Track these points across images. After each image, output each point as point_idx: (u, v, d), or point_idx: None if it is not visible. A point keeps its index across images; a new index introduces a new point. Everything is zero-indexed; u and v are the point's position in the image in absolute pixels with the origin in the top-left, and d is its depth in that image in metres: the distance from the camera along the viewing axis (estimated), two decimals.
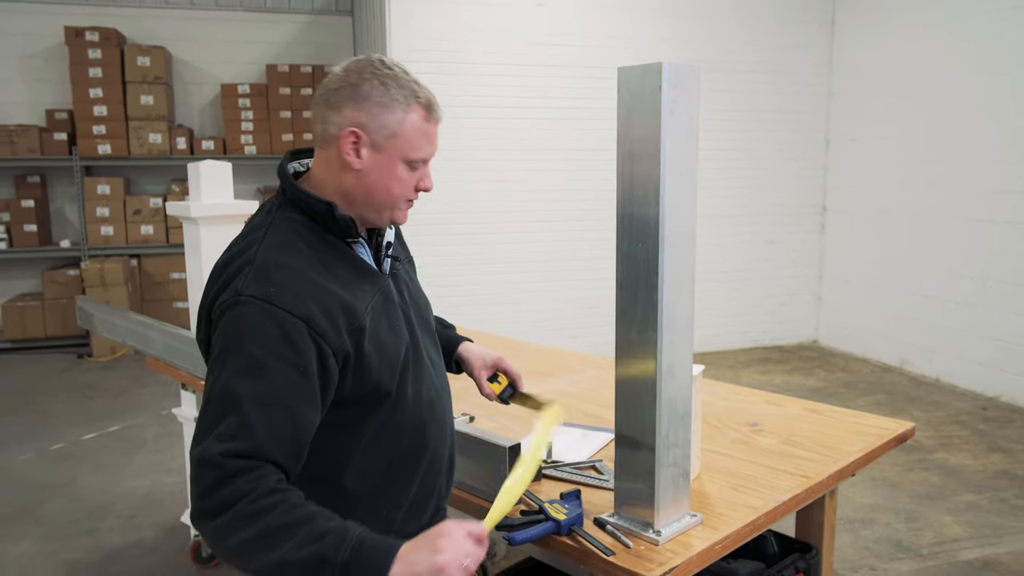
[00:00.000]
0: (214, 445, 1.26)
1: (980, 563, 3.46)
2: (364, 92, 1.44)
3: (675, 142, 1.55)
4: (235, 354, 1.32)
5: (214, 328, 1.39)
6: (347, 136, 1.44)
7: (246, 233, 1.50)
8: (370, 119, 1.44)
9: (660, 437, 1.62)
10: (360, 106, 1.44)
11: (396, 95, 1.46)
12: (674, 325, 1.61)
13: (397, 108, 1.46)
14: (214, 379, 1.34)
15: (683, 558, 1.58)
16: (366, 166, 1.46)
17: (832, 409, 2.49)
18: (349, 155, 1.45)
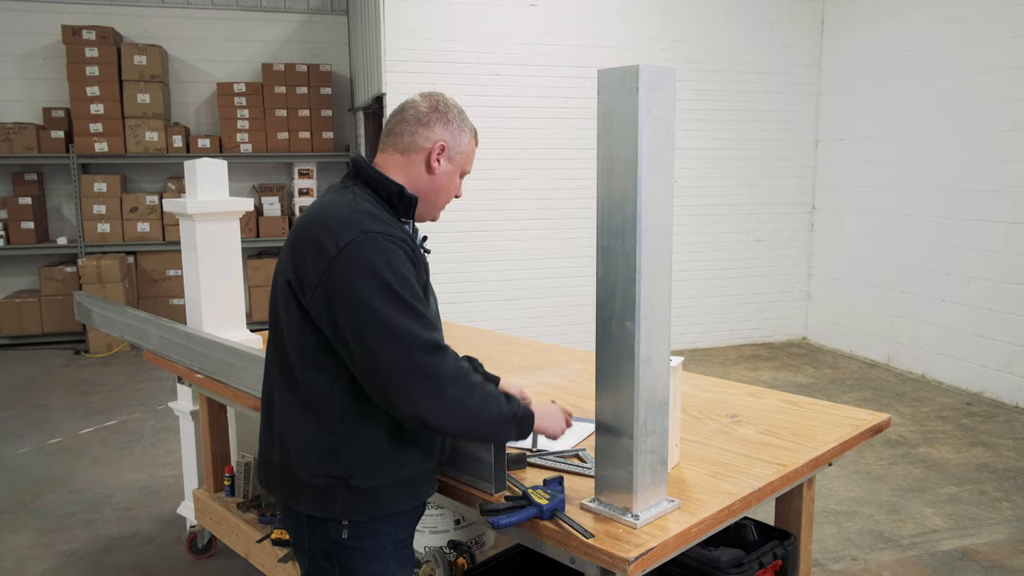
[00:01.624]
0: (426, 335, 1.64)
1: (959, 553, 3.55)
2: (450, 118, 1.86)
3: (652, 140, 1.61)
4: (389, 275, 1.64)
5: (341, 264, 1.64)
6: (437, 147, 1.84)
7: (335, 198, 1.79)
8: (451, 139, 1.86)
9: (638, 425, 1.69)
10: (447, 128, 1.86)
11: (466, 124, 1.90)
12: (651, 317, 1.68)
13: (466, 134, 1.89)
14: (384, 294, 1.63)
15: (659, 540, 1.64)
16: (441, 172, 1.87)
17: (810, 401, 2.56)
18: (435, 162, 1.85)
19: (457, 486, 1.96)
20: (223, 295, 3.44)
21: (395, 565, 1.82)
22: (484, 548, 2.87)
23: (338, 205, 1.74)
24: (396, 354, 1.61)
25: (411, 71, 6.49)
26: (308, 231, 1.72)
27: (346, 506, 1.73)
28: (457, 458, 1.97)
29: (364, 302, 1.61)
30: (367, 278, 1.62)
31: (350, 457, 1.72)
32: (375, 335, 1.61)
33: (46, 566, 3.51)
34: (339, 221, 1.69)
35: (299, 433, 1.75)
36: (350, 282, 1.63)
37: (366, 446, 1.73)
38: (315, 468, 1.73)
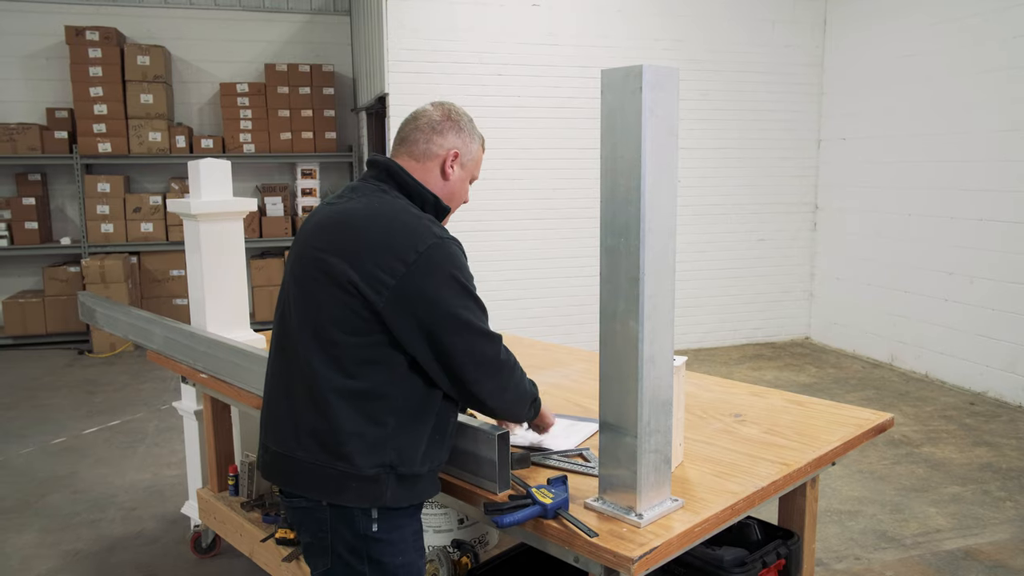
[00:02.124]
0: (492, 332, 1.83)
1: (962, 553, 3.55)
2: (462, 126, 1.97)
3: (655, 140, 1.62)
4: (458, 281, 1.78)
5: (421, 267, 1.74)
6: (451, 154, 1.95)
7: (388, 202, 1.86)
8: (463, 146, 1.97)
9: (642, 424, 1.70)
10: (459, 136, 1.96)
11: (475, 132, 2.00)
12: (655, 316, 1.68)
13: (476, 141, 2.00)
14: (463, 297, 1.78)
15: (663, 539, 1.65)
16: (455, 178, 1.97)
17: (814, 401, 2.56)
18: (450, 168, 1.95)
19: (461, 485, 1.97)
20: (227, 295, 3.44)
21: (416, 555, 1.89)
22: (487, 547, 2.87)
23: (399, 210, 1.83)
24: (478, 352, 1.79)
25: (413, 71, 6.50)
26: (371, 233, 1.78)
27: (394, 493, 1.79)
28: (461, 457, 1.97)
29: (447, 304, 1.75)
30: (448, 281, 1.76)
31: (398, 446, 1.78)
32: (459, 336, 1.76)
33: (51, 565, 3.52)
34: (410, 225, 1.79)
35: (346, 426, 1.75)
36: (431, 286, 1.74)
37: (412, 437, 1.80)
38: (366, 459, 1.75)
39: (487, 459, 1.90)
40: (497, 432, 1.88)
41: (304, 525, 1.86)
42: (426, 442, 1.83)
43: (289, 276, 1.90)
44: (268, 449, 1.90)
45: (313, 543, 1.85)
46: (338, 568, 1.82)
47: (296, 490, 1.84)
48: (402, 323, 1.73)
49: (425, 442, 1.82)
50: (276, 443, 1.86)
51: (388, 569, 1.81)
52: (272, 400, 1.90)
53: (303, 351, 1.81)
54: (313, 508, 1.81)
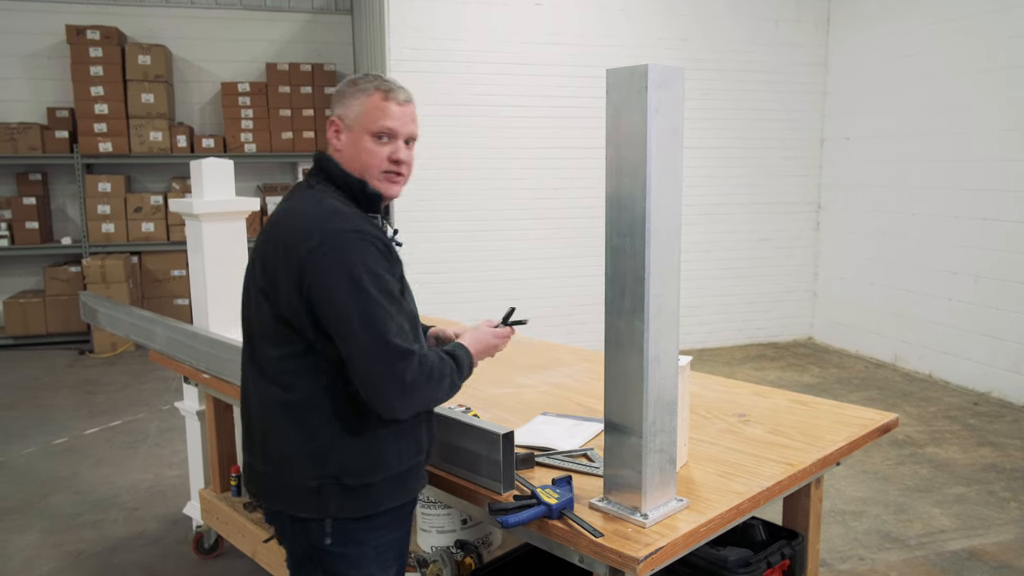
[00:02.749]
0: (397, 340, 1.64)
1: (966, 553, 3.53)
2: (341, 91, 1.84)
3: (661, 140, 1.61)
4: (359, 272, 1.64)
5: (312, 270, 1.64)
6: (330, 126, 1.84)
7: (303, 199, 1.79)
8: (344, 109, 1.81)
9: (647, 424, 1.69)
10: (339, 102, 1.83)
11: (362, 87, 1.81)
12: (660, 316, 1.67)
13: (360, 95, 1.80)
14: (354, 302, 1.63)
15: (668, 540, 1.64)
16: (343, 145, 1.82)
17: (818, 401, 2.55)
18: (332, 139, 1.83)
19: (465, 485, 1.96)
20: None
21: (377, 568, 1.83)
22: (491, 548, 2.86)
23: (304, 205, 1.76)
24: (371, 359, 1.64)
25: (416, 70, 6.49)
26: (275, 235, 1.74)
27: (342, 504, 1.74)
28: (465, 458, 1.97)
29: (339, 305, 1.63)
30: (340, 280, 1.63)
31: (340, 457, 1.73)
32: (351, 339, 1.64)
33: (53, 566, 3.51)
34: (306, 221, 1.69)
35: (286, 439, 1.75)
36: (323, 284, 1.64)
37: (355, 445, 1.74)
38: (307, 471, 1.74)
39: (491, 459, 1.89)
40: (501, 432, 1.87)
41: (276, 529, 1.90)
42: (374, 449, 1.75)
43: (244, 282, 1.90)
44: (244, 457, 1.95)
45: (285, 546, 1.89)
46: (297, 572, 1.86)
47: (260, 500, 1.89)
48: (308, 327, 1.68)
49: (373, 449, 1.75)
50: (246, 451, 1.90)
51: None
52: (241, 408, 1.93)
53: (246, 365, 1.86)
54: (278, 514, 1.84)
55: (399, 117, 1.80)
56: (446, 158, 6.61)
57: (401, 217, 6.56)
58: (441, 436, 2.02)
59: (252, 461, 1.87)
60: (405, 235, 7.20)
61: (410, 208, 6.54)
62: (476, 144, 6.71)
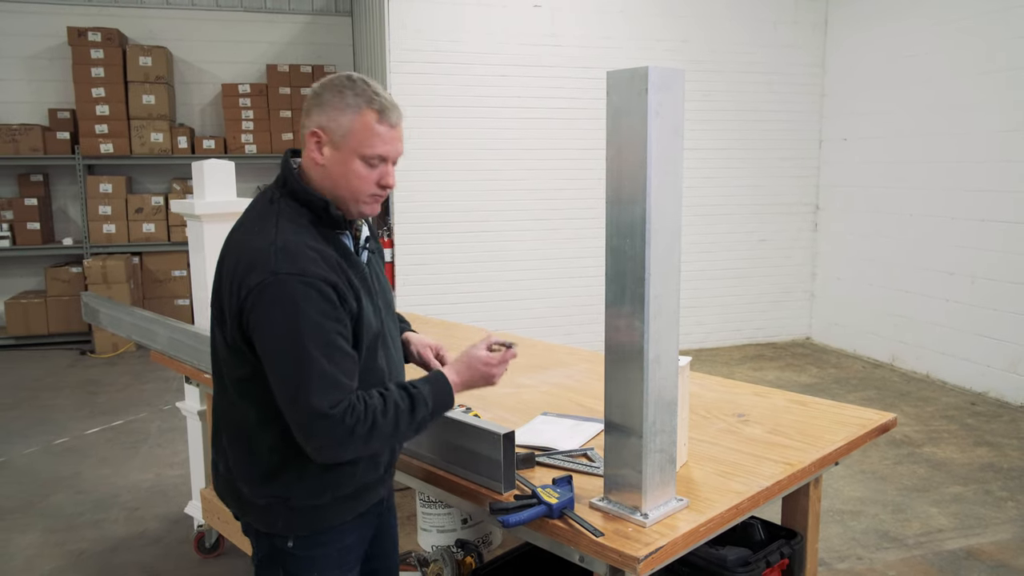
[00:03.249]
0: (316, 401, 1.57)
1: (964, 552, 3.55)
2: (325, 99, 1.68)
3: (661, 141, 1.63)
4: (295, 322, 1.57)
5: (249, 309, 1.60)
6: (311, 136, 1.68)
7: (255, 219, 1.71)
8: (328, 121, 1.66)
9: (647, 424, 1.70)
10: (322, 111, 1.67)
11: (350, 101, 1.66)
12: (660, 317, 1.69)
13: (349, 111, 1.66)
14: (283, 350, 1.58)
15: (668, 539, 1.65)
16: (328, 162, 1.69)
17: (816, 401, 2.57)
18: (313, 152, 1.69)
19: (466, 485, 1.97)
20: None
21: (339, 571, 1.85)
22: (491, 547, 2.88)
23: (258, 232, 1.66)
24: (292, 412, 1.60)
25: (415, 72, 6.50)
26: (228, 262, 1.69)
27: (288, 523, 1.76)
28: (466, 457, 1.98)
29: (270, 352, 1.60)
30: (274, 326, 1.58)
31: (288, 480, 1.73)
32: (278, 384, 1.61)
33: (54, 565, 3.53)
34: (253, 255, 1.62)
35: (236, 457, 1.78)
36: (259, 324, 1.60)
37: (303, 471, 1.72)
38: (255, 490, 1.76)
39: (492, 459, 1.90)
40: (502, 432, 1.89)
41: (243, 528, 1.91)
42: (323, 474, 1.72)
43: None
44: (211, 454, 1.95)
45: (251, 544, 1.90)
46: (261, 571, 1.87)
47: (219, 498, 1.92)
48: (249, 357, 1.65)
49: (322, 474, 1.72)
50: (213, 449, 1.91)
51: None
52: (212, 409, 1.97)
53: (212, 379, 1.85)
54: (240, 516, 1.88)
55: (392, 141, 1.70)
56: (446, 159, 6.63)
57: (400, 218, 6.58)
58: (441, 436, 2.04)
59: (218, 463, 1.88)
60: (403, 235, 7.17)
61: (410, 209, 6.56)
62: (476, 145, 6.73)
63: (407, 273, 6.65)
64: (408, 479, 2.19)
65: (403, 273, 6.63)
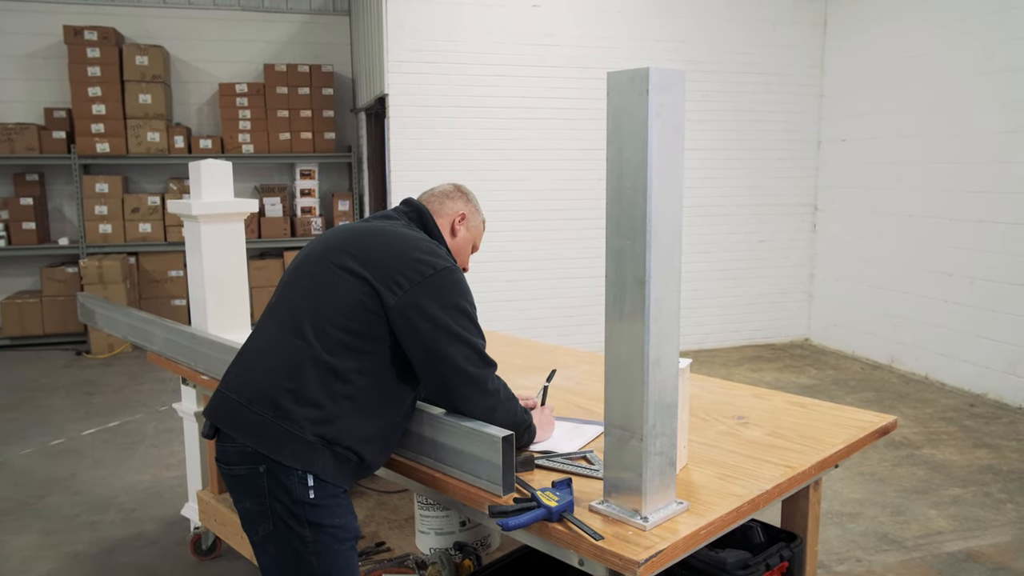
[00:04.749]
0: (483, 351, 2.02)
1: (963, 555, 3.54)
2: (469, 198, 2.37)
3: (661, 142, 1.61)
4: (464, 305, 2.01)
5: (436, 281, 1.98)
6: (459, 216, 2.30)
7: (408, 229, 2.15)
8: (470, 213, 2.34)
9: (647, 427, 1.69)
10: (467, 204, 2.34)
11: (479, 208, 2.40)
12: (661, 318, 1.67)
13: (479, 214, 2.39)
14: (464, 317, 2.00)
15: (669, 543, 1.64)
16: (460, 237, 2.31)
17: (816, 403, 2.56)
18: (458, 227, 2.30)
19: (465, 488, 1.96)
20: (228, 296, 3.43)
21: (351, 517, 2.02)
22: (490, 550, 2.86)
23: (423, 238, 2.11)
24: (464, 362, 1.96)
25: (413, 72, 6.49)
26: (395, 246, 2.03)
27: (325, 466, 1.92)
28: (464, 460, 1.97)
29: (449, 320, 1.95)
30: (454, 301, 1.98)
31: (345, 427, 1.93)
32: (455, 348, 1.95)
33: (50, 567, 3.51)
34: (431, 248, 2.05)
35: (307, 392, 1.92)
36: (439, 301, 1.96)
37: (360, 425, 1.95)
38: (310, 426, 1.91)
39: (491, 462, 1.89)
40: (502, 435, 1.87)
41: (243, 492, 1.99)
42: (372, 439, 1.98)
43: (306, 261, 2.10)
44: (223, 395, 2.03)
45: (253, 509, 1.98)
46: (280, 531, 1.95)
47: (236, 435, 1.96)
48: (407, 326, 1.94)
49: (371, 439, 1.98)
50: (236, 392, 2.00)
51: (327, 530, 1.96)
52: (249, 357, 2.06)
53: (299, 323, 1.98)
54: (250, 475, 1.95)
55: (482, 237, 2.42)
56: (444, 159, 6.61)
57: None
58: (441, 438, 2.03)
59: (251, 407, 1.95)
60: None
61: None
62: (474, 145, 6.72)
63: None
64: (406, 481, 2.17)
65: None
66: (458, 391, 1.99)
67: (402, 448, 2.15)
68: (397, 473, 2.17)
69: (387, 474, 2.20)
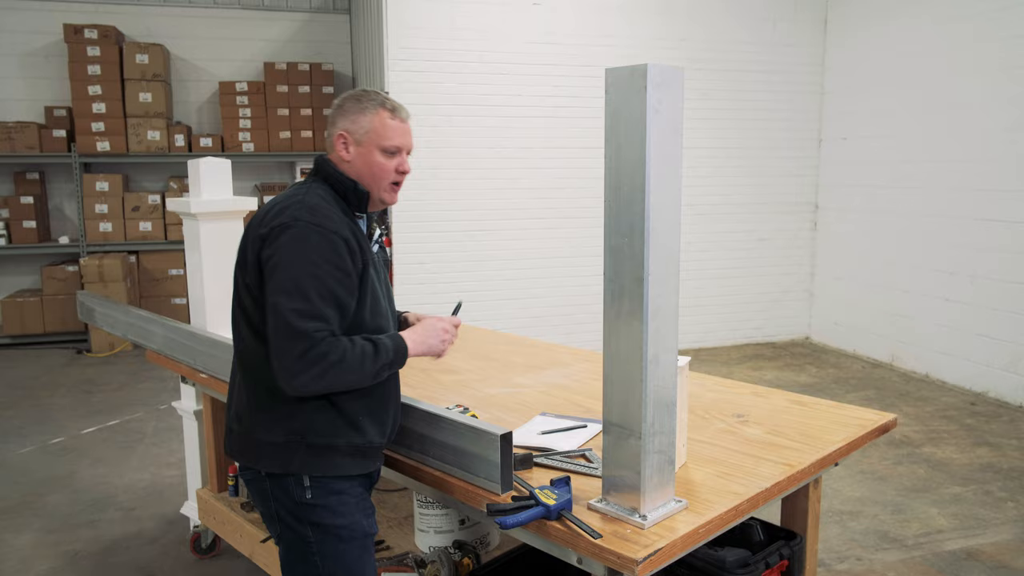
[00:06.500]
0: (299, 323, 1.77)
1: (964, 553, 3.54)
2: (346, 107, 2.02)
3: (660, 139, 1.61)
4: (300, 261, 1.81)
5: (268, 243, 1.85)
6: (338, 139, 2.00)
7: (291, 191, 1.98)
8: (351, 124, 1.99)
9: (646, 425, 1.69)
10: (344, 116, 2.00)
11: (366, 105, 2.00)
12: (659, 316, 1.67)
13: (367, 113, 1.99)
14: (286, 276, 1.80)
15: (667, 541, 1.64)
16: (353, 157, 2.00)
17: (816, 401, 2.55)
18: (341, 152, 2.00)
19: (463, 486, 1.95)
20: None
21: (360, 515, 1.98)
22: (489, 548, 2.86)
23: (286, 198, 1.94)
24: (276, 332, 1.79)
25: (413, 70, 6.48)
26: (256, 216, 1.94)
27: (303, 462, 1.90)
28: (463, 458, 1.96)
29: (272, 282, 1.81)
30: (282, 260, 1.82)
31: (304, 417, 1.89)
32: (272, 311, 1.80)
33: (50, 566, 3.51)
34: (279, 210, 1.89)
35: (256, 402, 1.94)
36: (270, 257, 1.83)
37: (318, 412, 1.90)
38: (274, 427, 1.91)
39: (490, 460, 1.88)
40: (499, 432, 1.87)
41: (254, 497, 2.03)
42: (336, 419, 1.91)
43: None
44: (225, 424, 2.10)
45: (264, 512, 2.02)
46: (286, 533, 1.97)
47: (233, 458, 2.05)
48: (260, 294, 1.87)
49: (336, 420, 1.91)
50: (227, 417, 2.07)
51: (329, 531, 1.94)
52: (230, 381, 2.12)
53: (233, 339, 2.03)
54: (255, 479, 1.97)
55: (404, 134, 2.04)
56: (443, 157, 6.61)
57: (399, 217, 6.56)
58: (439, 436, 2.03)
59: (232, 426, 2.03)
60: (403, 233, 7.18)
61: (408, 208, 6.54)
62: (474, 143, 6.71)
63: (405, 272, 6.63)
64: (405, 479, 2.17)
65: (401, 272, 6.61)
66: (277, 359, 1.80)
67: (401, 446, 2.15)
68: (396, 471, 2.17)
69: (386, 472, 2.20)
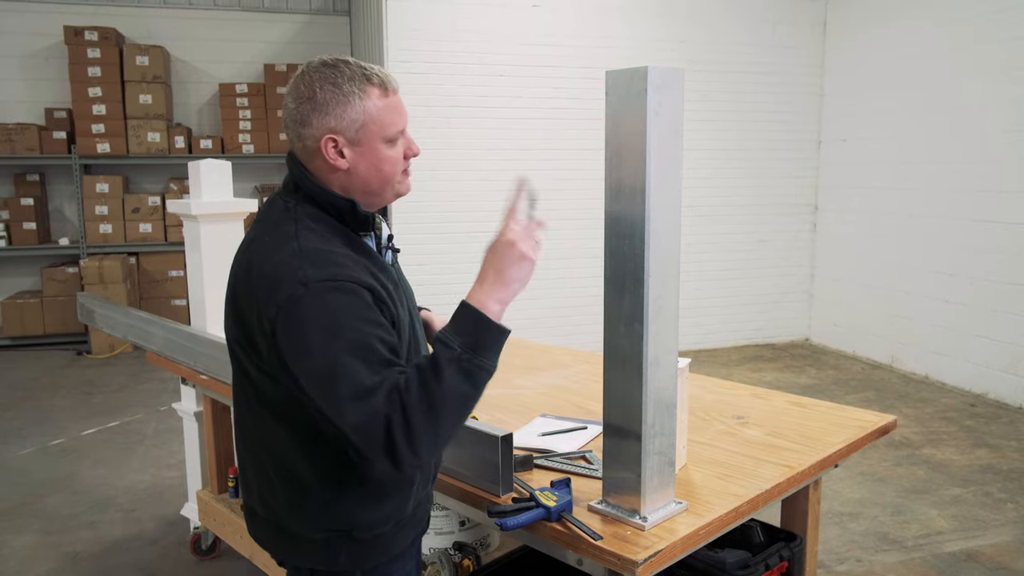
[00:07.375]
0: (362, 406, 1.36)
1: (964, 555, 3.54)
2: (320, 100, 1.51)
3: (660, 142, 1.61)
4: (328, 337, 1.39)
5: (281, 329, 1.42)
6: (326, 144, 1.52)
7: (270, 230, 1.54)
8: (337, 121, 1.51)
9: (646, 426, 1.69)
10: (324, 112, 1.51)
11: (347, 89, 1.51)
12: (659, 318, 1.67)
13: (353, 99, 1.51)
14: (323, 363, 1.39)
15: (668, 542, 1.64)
16: (352, 163, 1.55)
17: (816, 403, 2.55)
18: (335, 159, 1.54)
19: (463, 487, 1.95)
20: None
21: None
22: (489, 550, 2.86)
23: (277, 242, 1.49)
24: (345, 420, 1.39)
25: (413, 72, 6.49)
26: (247, 283, 1.50)
27: (351, 557, 1.60)
28: (463, 460, 1.96)
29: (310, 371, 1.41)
30: (312, 342, 1.40)
31: (347, 510, 1.57)
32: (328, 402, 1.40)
33: (50, 567, 3.51)
34: (276, 268, 1.44)
35: (284, 494, 1.58)
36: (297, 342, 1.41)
37: (362, 497, 1.58)
38: (311, 525, 1.58)
39: (490, 461, 1.88)
40: (500, 434, 1.87)
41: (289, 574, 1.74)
42: (383, 498, 1.60)
43: None
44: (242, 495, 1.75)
45: None
46: None
47: (262, 547, 1.71)
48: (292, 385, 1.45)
49: (381, 499, 1.60)
50: (243, 491, 1.73)
51: None
52: (235, 443, 1.75)
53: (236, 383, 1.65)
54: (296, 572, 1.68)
55: (402, 110, 1.60)
56: (444, 159, 6.61)
57: (398, 218, 6.56)
58: None
59: (253, 506, 1.68)
60: (402, 235, 7.13)
61: (407, 210, 6.54)
62: (473, 145, 6.71)
63: (405, 273, 6.61)
64: None
65: None
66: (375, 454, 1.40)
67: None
68: None
69: None
